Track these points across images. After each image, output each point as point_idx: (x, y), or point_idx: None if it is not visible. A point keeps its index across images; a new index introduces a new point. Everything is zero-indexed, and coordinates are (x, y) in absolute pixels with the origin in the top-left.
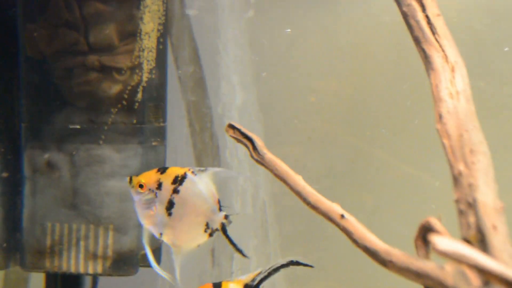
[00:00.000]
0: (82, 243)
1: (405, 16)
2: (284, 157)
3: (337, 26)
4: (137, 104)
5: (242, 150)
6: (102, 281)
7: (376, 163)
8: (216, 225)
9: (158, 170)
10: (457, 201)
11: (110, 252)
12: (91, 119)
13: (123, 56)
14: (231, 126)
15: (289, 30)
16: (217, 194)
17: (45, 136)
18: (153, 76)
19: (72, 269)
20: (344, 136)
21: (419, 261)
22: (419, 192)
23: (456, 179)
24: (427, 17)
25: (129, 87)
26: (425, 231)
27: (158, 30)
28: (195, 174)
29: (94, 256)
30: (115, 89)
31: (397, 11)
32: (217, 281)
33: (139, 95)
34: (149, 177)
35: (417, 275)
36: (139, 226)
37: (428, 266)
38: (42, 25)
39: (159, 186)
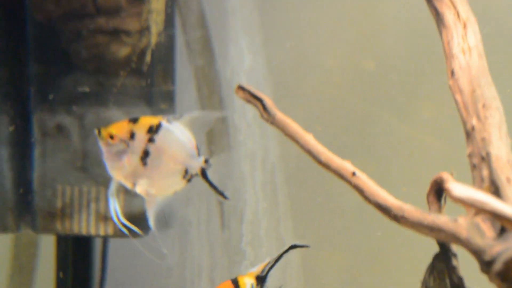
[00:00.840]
0: (92, 205)
1: None
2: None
3: None
4: (146, 67)
5: (251, 113)
6: (113, 244)
7: (385, 127)
8: (196, 170)
9: (130, 120)
10: (470, 156)
11: (120, 214)
12: (100, 82)
13: (132, 19)
14: (241, 88)
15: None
16: (194, 139)
17: (54, 99)
18: (162, 39)
19: (83, 231)
20: (354, 99)
21: (432, 215)
22: (428, 156)
23: (469, 134)
24: None
25: (137, 50)
26: (438, 186)
27: None
28: (170, 122)
29: (105, 218)
30: (123, 51)
31: None
32: (227, 243)
33: (148, 58)
34: (120, 127)
35: (430, 229)
36: None
37: (441, 219)
38: None
39: (132, 136)
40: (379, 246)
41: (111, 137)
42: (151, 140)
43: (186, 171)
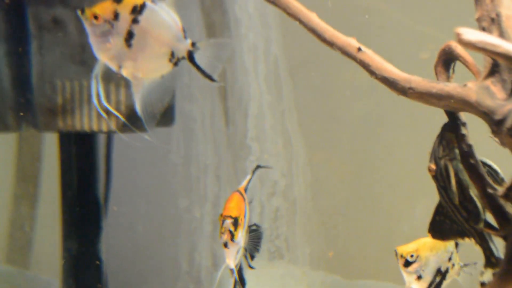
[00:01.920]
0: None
1: None
2: None
3: None
4: None
5: (251, 4)
6: (116, 140)
7: (386, 18)
8: (182, 53)
9: (114, 0)
10: (479, 20)
11: (123, 108)
12: None
13: None
14: None
15: None
16: (180, 22)
17: None
18: None
19: (86, 127)
20: None
21: (440, 83)
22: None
23: None
24: None
25: None
26: (446, 55)
27: None
28: (155, 3)
29: (107, 113)
30: None
31: None
32: (232, 139)
33: None
34: (104, 7)
35: (439, 98)
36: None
37: (450, 86)
38: None
39: (116, 16)
40: (383, 144)
41: (95, 17)
42: (135, 20)
43: (172, 54)
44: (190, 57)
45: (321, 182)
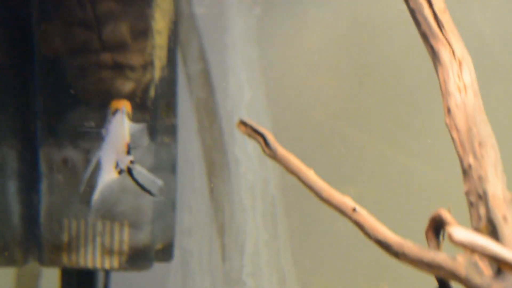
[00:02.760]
0: (98, 238)
1: (412, 12)
2: (292, 153)
3: (339, 21)
4: (149, 101)
5: (250, 146)
6: (114, 276)
7: (382, 158)
8: (123, 166)
9: (119, 99)
10: (467, 194)
11: (125, 248)
12: (106, 116)
13: (136, 54)
14: (242, 122)
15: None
16: (128, 138)
17: (61, 133)
18: (165, 74)
19: (89, 264)
20: (353, 132)
21: (431, 252)
22: (422, 186)
23: (466, 172)
24: (433, 12)
25: (142, 85)
26: (436, 223)
27: (169, 28)
28: (123, 112)
29: (110, 252)
30: (128, 86)
31: (402, 5)
32: (228, 274)
33: (152, 93)
34: (114, 102)
35: (430, 267)
36: (153, 222)
37: (440, 257)
38: (56, 24)
39: (114, 112)
40: (381, 277)
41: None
42: (109, 120)
43: (117, 163)
44: (129, 172)
45: None
